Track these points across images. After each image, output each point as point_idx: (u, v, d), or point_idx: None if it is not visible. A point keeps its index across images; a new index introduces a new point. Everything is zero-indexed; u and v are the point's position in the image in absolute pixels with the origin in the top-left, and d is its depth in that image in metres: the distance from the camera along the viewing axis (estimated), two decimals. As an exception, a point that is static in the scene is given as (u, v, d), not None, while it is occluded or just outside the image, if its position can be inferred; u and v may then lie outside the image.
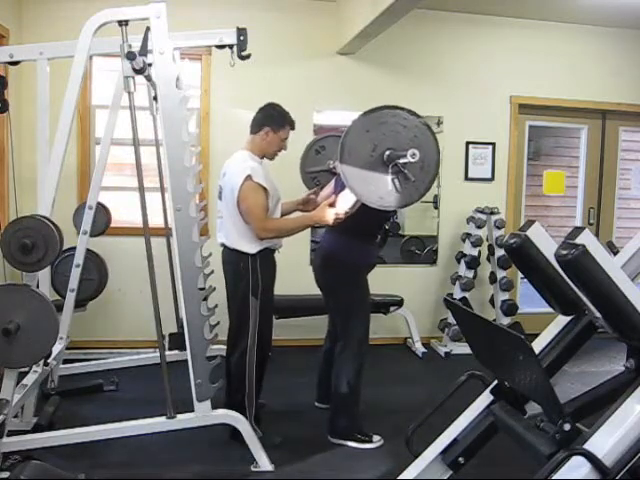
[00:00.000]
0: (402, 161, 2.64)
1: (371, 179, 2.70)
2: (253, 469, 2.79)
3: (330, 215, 2.84)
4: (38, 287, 2.85)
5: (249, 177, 2.87)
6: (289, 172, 3.68)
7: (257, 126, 3.05)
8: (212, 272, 3.44)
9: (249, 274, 2.95)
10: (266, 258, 3.01)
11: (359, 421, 3.16)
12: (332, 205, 2.88)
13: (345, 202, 2.90)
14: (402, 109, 2.76)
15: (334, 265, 3.15)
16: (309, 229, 4.54)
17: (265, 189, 2.91)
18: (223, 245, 3.07)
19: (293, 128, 3.09)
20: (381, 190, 2.70)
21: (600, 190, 5.68)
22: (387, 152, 2.68)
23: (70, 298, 3.51)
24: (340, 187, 3.01)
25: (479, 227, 4.96)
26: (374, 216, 2.87)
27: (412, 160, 2.62)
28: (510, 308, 4.94)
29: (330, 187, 3.28)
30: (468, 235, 5.00)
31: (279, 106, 3.09)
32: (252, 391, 3.00)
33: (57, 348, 3.37)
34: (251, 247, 2.95)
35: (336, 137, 3.95)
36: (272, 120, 3.03)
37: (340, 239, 3.12)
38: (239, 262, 2.97)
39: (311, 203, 3.30)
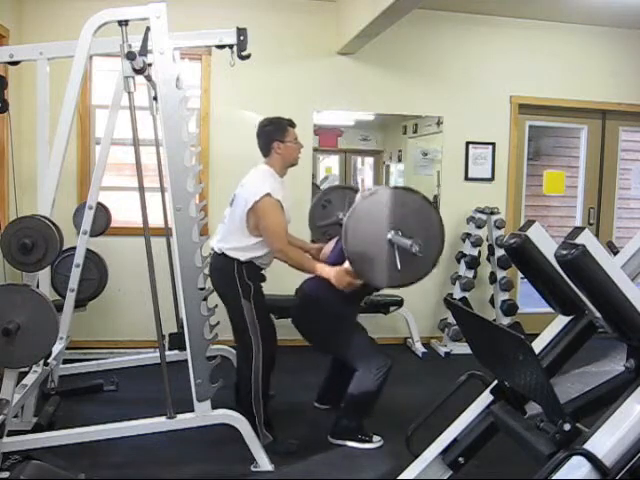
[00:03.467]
0: (404, 247, 2.69)
1: (377, 260, 2.76)
2: (253, 469, 2.79)
3: (344, 281, 2.88)
4: (38, 287, 2.85)
5: (269, 194, 2.89)
6: (291, 180, 3.69)
7: (265, 148, 3.09)
8: (212, 272, 3.44)
9: (236, 279, 2.96)
10: (254, 269, 3.02)
11: (359, 421, 3.16)
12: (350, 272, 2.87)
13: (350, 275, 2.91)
14: (400, 188, 2.89)
15: (315, 307, 3.15)
16: (309, 227, 4.59)
17: (282, 206, 2.95)
18: (213, 251, 3.08)
19: (294, 126, 3.13)
20: (389, 269, 2.76)
21: (600, 190, 5.68)
22: (391, 232, 2.74)
23: (70, 298, 3.51)
24: (338, 251, 3.04)
25: (479, 227, 4.96)
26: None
27: (413, 251, 2.66)
28: (510, 308, 4.94)
29: (329, 247, 3.33)
30: (468, 235, 5.00)
31: (267, 119, 3.14)
32: (259, 396, 2.98)
33: (57, 348, 3.37)
34: (241, 255, 2.97)
35: (341, 189, 4.34)
36: (273, 134, 3.07)
37: (321, 282, 3.05)
38: (226, 266, 2.98)
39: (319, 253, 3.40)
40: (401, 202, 2.79)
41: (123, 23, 2.69)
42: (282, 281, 3.24)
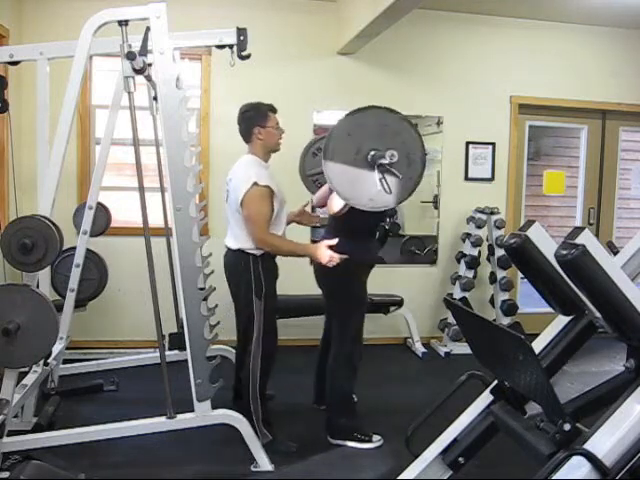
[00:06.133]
0: (383, 162, 2.66)
1: (358, 181, 2.71)
2: (253, 469, 2.79)
3: (325, 256, 2.88)
4: (38, 287, 2.85)
5: (255, 183, 2.87)
6: (291, 176, 3.69)
7: (247, 134, 3.07)
8: (212, 272, 3.44)
9: (251, 275, 2.95)
10: (269, 261, 3.01)
11: (358, 421, 3.16)
12: (331, 247, 2.89)
13: (336, 204, 2.91)
14: (382, 108, 2.77)
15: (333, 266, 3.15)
16: (309, 228, 4.57)
17: (272, 191, 2.92)
18: (227, 248, 3.08)
19: (275, 111, 3.10)
20: (370, 191, 2.71)
21: (600, 190, 5.68)
22: (371, 153, 2.69)
23: (70, 298, 3.51)
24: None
25: (479, 227, 4.96)
26: (369, 215, 2.87)
27: (391, 161, 2.63)
28: (510, 308, 4.94)
29: (325, 187, 3.29)
30: (468, 235, 5.00)
31: (247, 104, 3.11)
32: (256, 394, 2.98)
33: (57, 348, 3.37)
34: (256, 249, 2.95)
35: None
36: (253, 119, 3.04)
37: (338, 240, 3.11)
38: (240, 262, 2.97)
39: (305, 215, 3.41)
40: (383, 123, 2.73)
41: (123, 23, 2.69)
42: (283, 281, 3.22)
